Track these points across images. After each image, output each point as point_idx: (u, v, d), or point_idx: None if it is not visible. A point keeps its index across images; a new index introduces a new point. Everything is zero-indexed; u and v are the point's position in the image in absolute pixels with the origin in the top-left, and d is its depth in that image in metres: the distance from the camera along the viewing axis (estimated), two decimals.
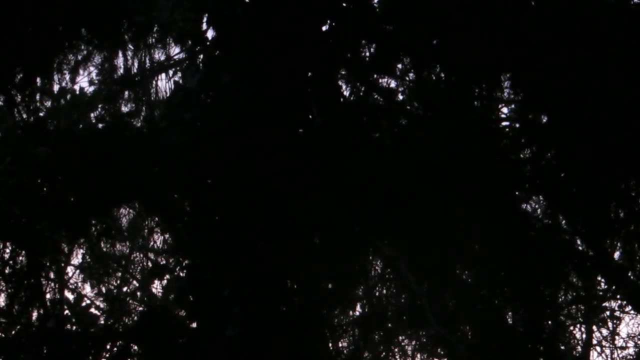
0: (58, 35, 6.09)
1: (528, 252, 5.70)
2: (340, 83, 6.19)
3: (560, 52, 5.46)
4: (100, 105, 6.57)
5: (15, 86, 6.10)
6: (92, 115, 6.19)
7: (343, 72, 6.23)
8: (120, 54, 6.84)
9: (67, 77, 6.75)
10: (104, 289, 7.86)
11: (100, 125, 6.22)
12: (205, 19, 6.00)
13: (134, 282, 7.91)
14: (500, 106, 6.62)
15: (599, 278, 6.51)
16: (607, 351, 8.38)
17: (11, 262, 5.90)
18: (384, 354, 6.77)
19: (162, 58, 6.90)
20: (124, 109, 6.90)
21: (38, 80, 6.22)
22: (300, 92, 5.82)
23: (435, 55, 6.00)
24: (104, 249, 7.55)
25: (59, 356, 5.67)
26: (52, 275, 6.71)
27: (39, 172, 5.58)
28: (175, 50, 6.87)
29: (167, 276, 6.30)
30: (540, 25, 5.52)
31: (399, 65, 6.21)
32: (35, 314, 6.01)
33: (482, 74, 5.87)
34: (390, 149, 5.75)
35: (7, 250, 5.91)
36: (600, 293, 7.09)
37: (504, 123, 6.56)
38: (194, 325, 5.61)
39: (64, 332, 5.75)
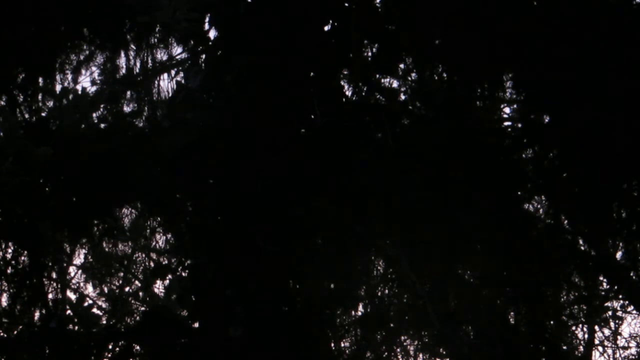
0: (60, 35, 6.09)
1: (530, 252, 5.70)
2: (342, 83, 6.19)
3: (561, 52, 5.46)
4: (102, 105, 6.58)
5: (17, 86, 6.10)
6: (94, 115, 6.18)
7: (345, 72, 6.23)
8: (122, 54, 6.85)
9: (70, 77, 6.76)
10: (106, 289, 7.86)
11: (102, 125, 6.22)
12: (207, 19, 6.02)
13: (136, 282, 7.91)
14: (502, 106, 6.62)
15: (601, 278, 6.50)
16: (609, 351, 8.38)
17: (13, 262, 5.90)
18: (386, 354, 6.77)
19: (165, 58, 6.91)
20: (126, 109, 6.90)
21: (40, 80, 6.22)
22: (303, 92, 5.82)
23: (438, 55, 6.00)
24: (106, 249, 7.55)
25: (61, 356, 5.67)
26: (54, 275, 6.71)
27: (41, 172, 5.57)
28: (177, 50, 6.88)
29: (170, 276, 6.29)
30: (542, 25, 5.53)
31: (401, 65, 6.21)
32: (37, 314, 6.01)
33: (484, 74, 5.86)
34: (392, 148, 5.75)
35: (10, 250, 5.91)
36: (603, 293, 7.08)
37: (506, 123, 6.57)
38: (196, 325, 5.62)
39: (66, 332, 5.75)
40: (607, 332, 8.22)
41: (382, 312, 6.58)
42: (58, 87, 6.34)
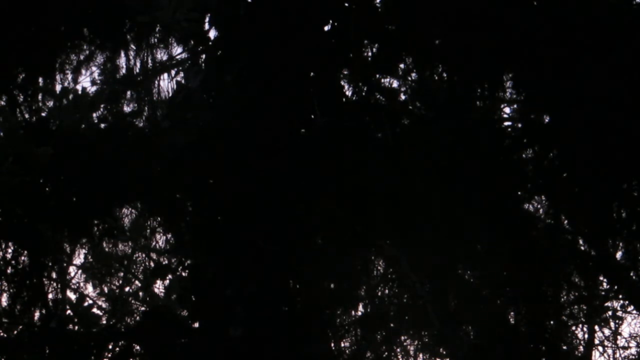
0: (60, 35, 6.08)
1: (530, 252, 5.70)
2: (342, 83, 6.20)
3: (562, 51, 5.46)
4: (102, 105, 6.57)
5: (17, 86, 6.10)
6: (94, 115, 6.18)
7: (345, 72, 6.23)
8: (122, 54, 6.85)
9: (70, 77, 6.76)
10: (106, 289, 7.87)
11: (102, 125, 6.22)
12: (207, 19, 6.02)
13: (136, 282, 7.92)
14: (502, 106, 6.63)
15: (601, 278, 6.50)
16: (609, 351, 8.38)
17: (13, 262, 5.90)
18: (386, 354, 6.77)
19: (165, 58, 6.91)
20: (127, 109, 6.91)
21: (40, 80, 6.22)
22: (303, 92, 5.82)
23: (438, 55, 6.00)
24: (106, 249, 7.56)
25: (62, 356, 5.67)
26: (54, 275, 6.71)
27: (41, 172, 5.57)
28: (177, 50, 6.88)
29: (170, 276, 6.30)
30: (542, 24, 5.53)
31: (401, 65, 6.21)
32: (37, 314, 6.01)
33: (484, 74, 5.86)
34: (392, 148, 5.75)
35: (10, 250, 5.91)
36: (603, 293, 7.09)
37: (506, 123, 6.57)
38: (196, 325, 5.62)
39: (66, 332, 5.75)
40: (607, 332, 8.22)
41: (382, 312, 6.58)
42: (58, 87, 6.34)
